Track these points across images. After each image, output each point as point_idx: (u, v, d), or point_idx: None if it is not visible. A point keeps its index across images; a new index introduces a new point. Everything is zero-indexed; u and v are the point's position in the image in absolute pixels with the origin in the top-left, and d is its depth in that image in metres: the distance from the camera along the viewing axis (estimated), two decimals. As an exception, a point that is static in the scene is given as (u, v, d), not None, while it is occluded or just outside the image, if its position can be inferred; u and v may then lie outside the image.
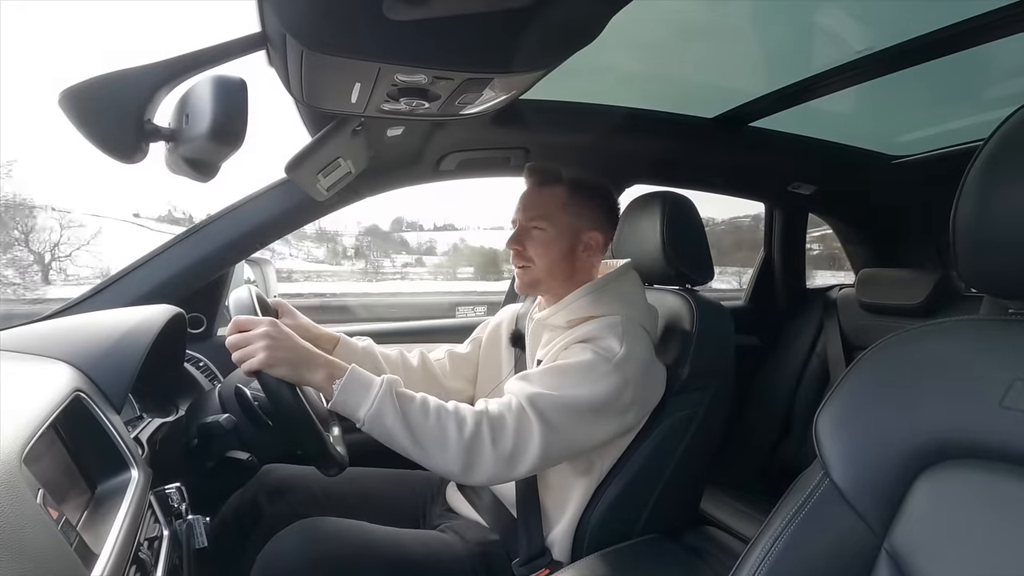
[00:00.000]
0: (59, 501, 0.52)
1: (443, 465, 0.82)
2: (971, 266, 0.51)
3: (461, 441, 0.81)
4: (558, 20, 0.61)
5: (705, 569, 0.93)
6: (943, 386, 0.50)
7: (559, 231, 1.00)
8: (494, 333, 1.21)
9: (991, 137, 0.50)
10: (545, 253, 1.01)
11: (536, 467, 0.85)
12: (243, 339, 0.81)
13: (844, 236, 2.16)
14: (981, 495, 0.46)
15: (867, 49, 1.08)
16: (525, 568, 0.95)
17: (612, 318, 0.95)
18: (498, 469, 0.83)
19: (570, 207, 1.01)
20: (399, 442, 0.80)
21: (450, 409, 0.83)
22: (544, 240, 1.01)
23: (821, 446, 0.55)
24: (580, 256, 1.02)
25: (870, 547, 0.51)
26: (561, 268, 1.02)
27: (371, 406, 0.79)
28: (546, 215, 1.00)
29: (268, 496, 1.05)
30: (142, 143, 0.62)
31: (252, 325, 0.82)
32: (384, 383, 0.81)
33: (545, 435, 0.84)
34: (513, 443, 0.83)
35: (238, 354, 0.80)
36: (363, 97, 0.73)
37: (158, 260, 1.18)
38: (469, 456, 0.81)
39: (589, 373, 0.88)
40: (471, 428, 0.82)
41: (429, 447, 0.81)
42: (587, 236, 1.02)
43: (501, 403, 0.86)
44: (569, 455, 0.91)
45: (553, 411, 0.85)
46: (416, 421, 0.81)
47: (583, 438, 0.89)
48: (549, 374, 0.90)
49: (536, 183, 1.04)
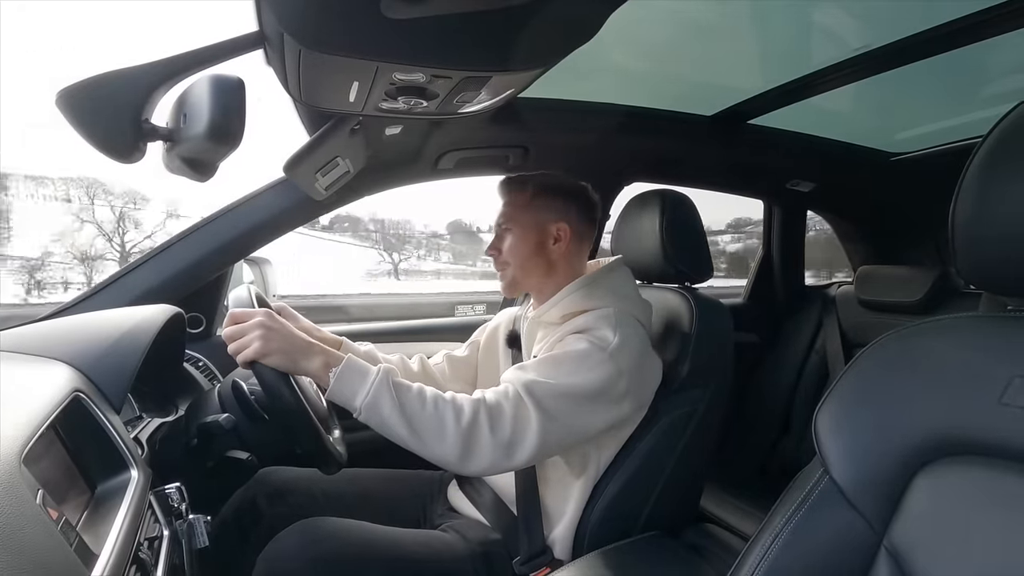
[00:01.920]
0: (59, 501, 0.52)
1: (440, 454, 0.82)
2: (970, 263, 0.51)
3: (459, 429, 0.80)
4: (556, 18, 0.61)
5: (705, 567, 0.94)
6: (942, 383, 0.50)
7: (524, 228, 1.05)
8: (492, 336, 1.22)
9: (990, 134, 0.50)
10: (516, 252, 1.06)
11: (534, 456, 0.85)
12: (238, 330, 0.81)
13: (843, 233, 2.15)
14: (980, 492, 0.46)
15: (865, 46, 1.08)
16: (526, 567, 0.95)
17: (605, 310, 0.96)
18: (496, 457, 0.83)
19: (533, 205, 1.06)
20: (396, 431, 0.80)
21: (447, 398, 0.83)
22: (512, 240, 1.06)
23: (820, 443, 0.55)
24: (551, 249, 1.05)
25: (869, 544, 0.51)
26: (535, 264, 1.05)
27: (367, 394, 0.79)
28: (512, 216, 1.07)
29: (268, 496, 1.05)
30: (140, 143, 0.62)
31: (247, 317, 0.82)
32: (380, 372, 0.81)
33: (542, 422, 0.84)
34: (511, 431, 0.83)
35: (233, 345, 0.80)
36: (361, 96, 0.73)
37: (157, 260, 1.17)
38: (467, 444, 0.81)
39: (584, 361, 0.89)
40: (468, 416, 0.82)
41: (426, 436, 0.81)
42: (554, 227, 1.05)
43: (498, 391, 0.86)
44: (566, 444, 0.91)
45: (550, 398, 0.86)
46: (413, 410, 0.81)
47: (579, 426, 0.89)
48: (544, 363, 0.91)
49: (505, 192, 1.10)
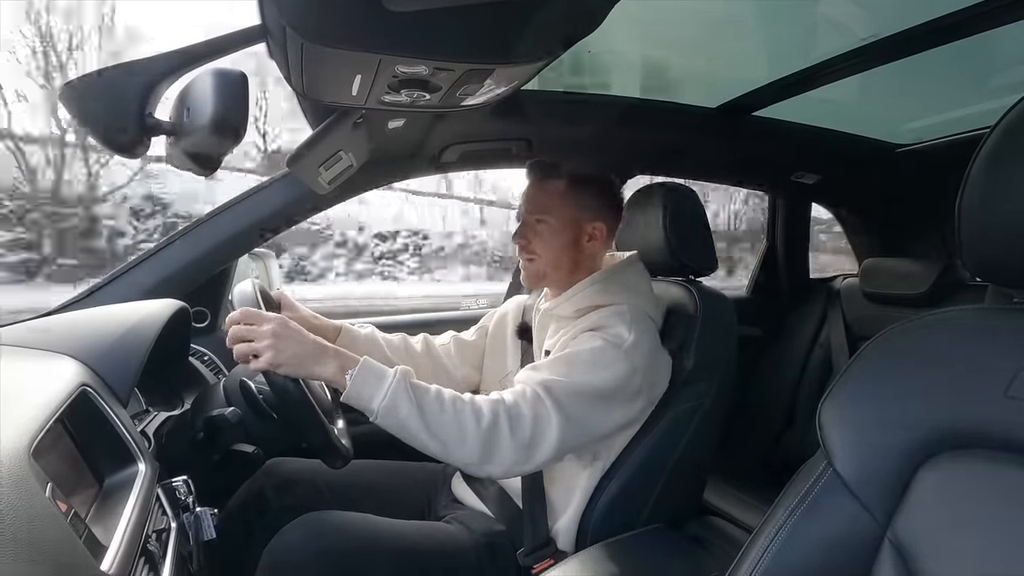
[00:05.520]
0: (68, 494, 0.53)
1: (460, 457, 0.81)
2: (976, 255, 0.51)
3: (479, 432, 0.80)
4: (559, 10, 0.60)
5: (709, 559, 0.94)
6: (947, 376, 0.49)
7: (562, 223, 1.01)
8: (500, 323, 1.21)
9: (997, 125, 0.49)
10: (549, 246, 1.01)
11: (553, 456, 0.85)
12: (248, 332, 0.79)
13: (848, 225, 2.14)
14: (985, 485, 0.46)
15: (871, 36, 1.06)
16: (530, 558, 0.96)
17: (620, 307, 0.96)
18: (517, 458, 0.83)
19: (571, 198, 1.01)
20: (414, 434, 0.79)
21: (466, 400, 0.83)
22: (547, 233, 1.01)
23: (824, 436, 0.55)
24: (585, 247, 1.02)
25: (873, 536, 0.51)
26: (566, 259, 1.02)
27: (384, 397, 0.78)
28: (548, 208, 1.01)
29: (274, 489, 1.06)
30: (143, 137, 0.62)
31: (259, 320, 0.80)
32: (398, 373, 0.80)
33: (561, 422, 0.84)
34: (531, 432, 0.83)
35: (243, 347, 0.79)
36: (364, 89, 0.73)
37: (162, 255, 1.18)
38: (487, 447, 0.81)
39: (599, 359, 0.89)
40: (488, 419, 0.81)
41: (446, 439, 0.80)
42: (590, 226, 1.02)
43: (515, 392, 0.86)
44: (583, 443, 0.91)
45: (567, 397, 0.85)
46: (432, 412, 0.80)
47: (597, 424, 0.89)
48: (559, 362, 0.90)
49: (537, 178, 1.04)
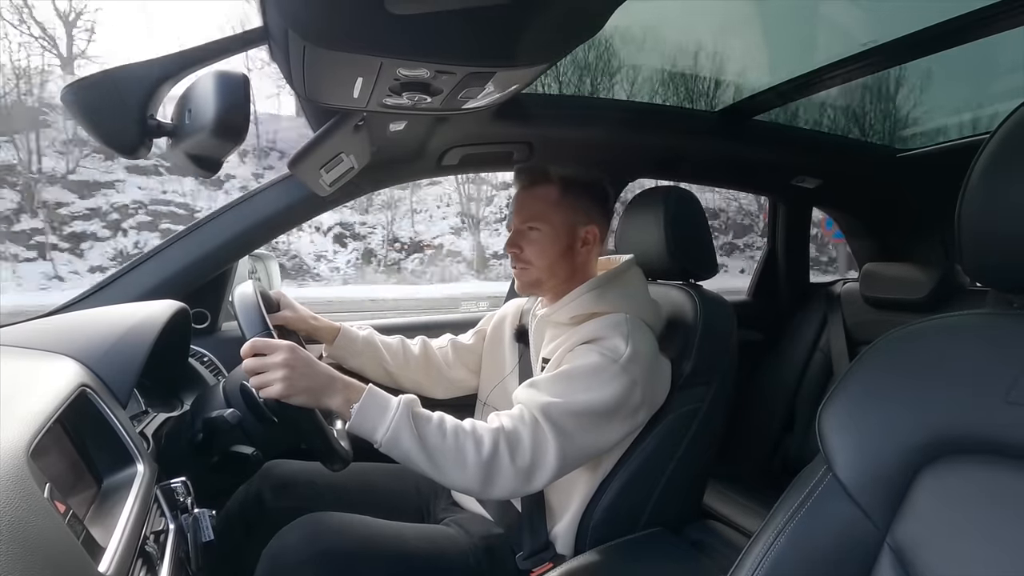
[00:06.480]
0: (66, 495, 0.53)
1: (462, 483, 0.82)
2: (976, 260, 0.51)
3: (479, 460, 0.81)
4: (561, 13, 0.61)
5: (708, 563, 0.94)
6: (948, 381, 0.49)
7: (555, 230, 1.00)
8: (498, 327, 1.21)
9: (997, 130, 0.49)
10: (543, 253, 1.00)
11: (554, 476, 0.85)
12: (260, 364, 0.79)
13: (848, 230, 2.14)
14: (985, 491, 0.46)
15: (872, 41, 1.07)
16: (529, 562, 0.96)
17: (616, 316, 0.95)
18: (517, 483, 0.83)
19: (563, 204, 1.00)
20: (417, 463, 0.80)
21: (467, 428, 0.83)
22: (541, 240, 1.00)
23: (824, 441, 0.55)
24: (579, 252, 1.02)
25: (873, 542, 0.51)
26: (561, 266, 1.01)
27: (388, 429, 0.79)
28: (540, 215, 1.00)
29: (273, 491, 1.05)
30: (145, 139, 0.63)
31: (269, 349, 0.79)
32: (401, 405, 0.81)
33: (561, 445, 0.84)
34: (531, 457, 0.83)
35: (256, 380, 0.79)
36: (365, 92, 0.73)
37: (162, 256, 1.18)
38: (488, 474, 0.81)
39: (597, 376, 0.88)
40: (489, 447, 0.81)
41: (447, 467, 0.81)
42: (584, 231, 1.01)
43: (514, 417, 0.86)
44: (585, 460, 0.91)
45: (566, 419, 0.85)
46: (434, 442, 0.80)
47: (597, 443, 0.89)
48: (557, 381, 0.89)
49: (526, 184, 1.03)
